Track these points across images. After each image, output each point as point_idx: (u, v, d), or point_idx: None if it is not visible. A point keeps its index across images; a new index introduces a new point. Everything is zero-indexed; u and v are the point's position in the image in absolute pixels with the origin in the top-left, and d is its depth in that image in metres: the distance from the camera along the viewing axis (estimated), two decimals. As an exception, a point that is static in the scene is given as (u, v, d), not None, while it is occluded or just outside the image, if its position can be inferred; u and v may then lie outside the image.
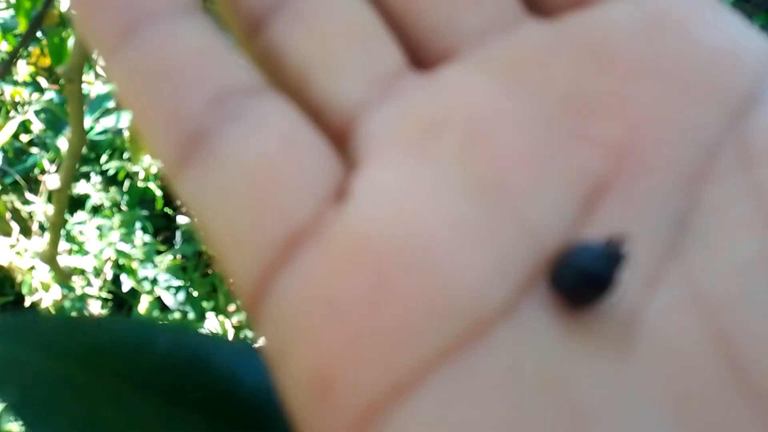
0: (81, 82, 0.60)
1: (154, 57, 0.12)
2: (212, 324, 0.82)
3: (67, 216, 0.82)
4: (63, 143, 0.73)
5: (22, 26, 0.70)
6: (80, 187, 0.86)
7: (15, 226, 0.79)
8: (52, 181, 0.65)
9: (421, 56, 0.13)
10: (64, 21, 0.73)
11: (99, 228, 0.82)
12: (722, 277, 0.10)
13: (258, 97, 0.12)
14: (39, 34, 0.66)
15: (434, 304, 0.10)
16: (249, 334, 0.85)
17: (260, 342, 0.12)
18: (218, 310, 0.84)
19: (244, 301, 0.12)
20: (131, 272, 0.82)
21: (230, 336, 0.83)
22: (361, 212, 0.11)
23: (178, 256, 0.88)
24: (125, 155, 0.88)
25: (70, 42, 0.66)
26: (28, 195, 0.84)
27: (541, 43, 0.13)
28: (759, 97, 0.12)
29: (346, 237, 0.11)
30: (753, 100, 0.12)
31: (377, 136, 0.12)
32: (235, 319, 0.84)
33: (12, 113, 0.86)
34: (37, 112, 0.83)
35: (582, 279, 0.10)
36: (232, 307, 0.85)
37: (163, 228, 0.95)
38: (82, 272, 0.79)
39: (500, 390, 0.10)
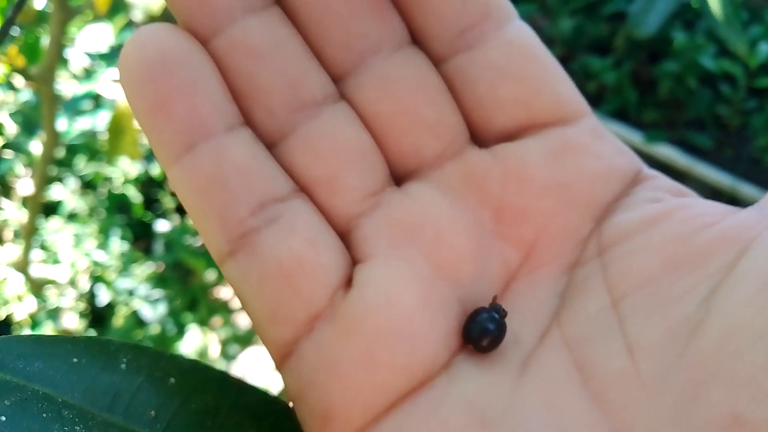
0: (54, 82, 0.57)
1: (210, 168, 0.16)
2: (194, 338, 0.79)
3: (41, 222, 0.79)
4: (36, 147, 0.70)
5: (-5, 24, 0.67)
6: (55, 192, 0.83)
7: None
8: (24, 186, 0.61)
9: (393, 171, 0.18)
10: (41, 18, 0.70)
11: (75, 236, 0.79)
12: (580, 326, 0.16)
13: (288, 203, 0.16)
14: (18, 31, 0.62)
15: (401, 365, 0.16)
16: (235, 350, 0.81)
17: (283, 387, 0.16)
18: (201, 322, 0.80)
19: (273, 359, 0.16)
20: (108, 283, 0.78)
21: (214, 352, 0.79)
22: (360, 299, 0.16)
23: (158, 266, 0.85)
24: (102, 159, 0.84)
25: (44, 41, 0.62)
26: (1, 201, 0.81)
27: (480, 166, 0.18)
28: (615, 207, 0.17)
29: (350, 317, 0.16)
30: (611, 209, 0.17)
31: (370, 239, 0.17)
32: (222, 334, 0.81)
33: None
34: (11, 115, 0.79)
35: (479, 331, 0.16)
36: (216, 321, 0.82)
37: (141, 235, 0.92)
38: (55, 283, 0.75)
39: (438, 411, 0.15)
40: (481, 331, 0.16)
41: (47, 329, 0.72)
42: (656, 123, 1.03)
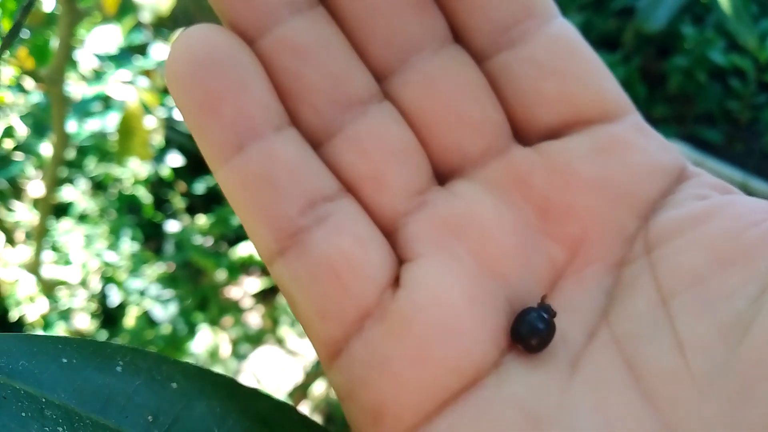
0: (63, 84, 0.57)
1: (259, 169, 0.16)
2: (205, 338, 0.79)
3: (52, 223, 0.79)
4: (46, 148, 0.70)
5: (6, 26, 0.67)
6: (66, 193, 0.83)
7: (0, 236, 0.75)
8: (34, 188, 0.62)
9: (437, 169, 0.18)
10: (50, 20, 0.70)
11: (86, 236, 0.79)
12: (629, 324, 0.16)
13: (336, 202, 0.16)
14: (27, 34, 0.63)
15: (452, 363, 0.16)
16: (246, 349, 0.82)
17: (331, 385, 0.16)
18: (212, 322, 0.80)
19: (322, 357, 0.16)
20: (118, 284, 0.79)
21: (225, 352, 0.80)
22: (409, 297, 0.16)
23: (168, 266, 0.85)
24: (112, 160, 0.85)
25: (53, 43, 0.63)
26: (12, 203, 0.81)
27: (524, 164, 0.17)
28: (661, 205, 0.17)
29: (399, 316, 0.16)
30: (657, 206, 0.17)
31: (417, 238, 0.17)
32: (233, 333, 0.81)
33: (-5, 118, 0.83)
34: (22, 117, 0.80)
35: (528, 331, 0.16)
36: (227, 320, 0.82)
37: (151, 235, 0.92)
38: (66, 284, 0.76)
39: (489, 411, 0.15)
40: (531, 331, 0.16)
41: (59, 330, 0.72)
42: (666, 118, 1.03)
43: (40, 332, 0.72)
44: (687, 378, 0.14)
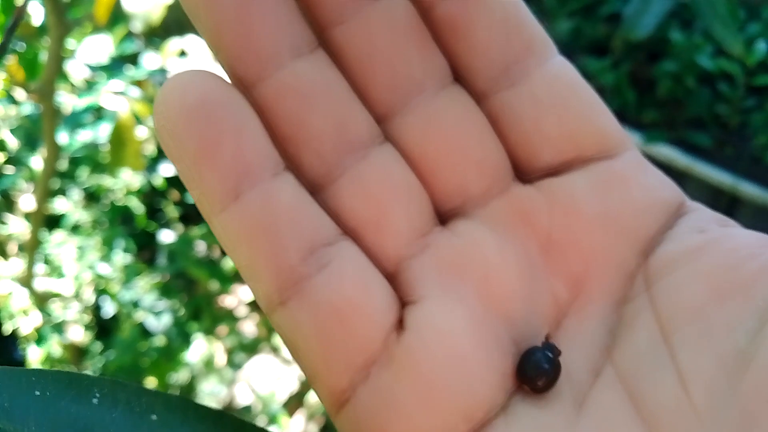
0: (54, 97, 0.57)
1: (258, 216, 0.15)
2: (200, 347, 0.79)
3: (45, 235, 0.79)
4: (37, 162, 0.70)
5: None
6: (59, 205, 0.83)
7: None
8: (26, 202, 0.62)
9: (438, 208, 0.18)
10: (40, 32, 0.70)
11: (79, 248, 0.79)
12: (633, 361, 0.16)
13: (336, 247, 0.16)
14: (20, 46, 0.63)
15: (461, 407, 0.15)
16: (242, 358, 0.82)
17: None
18: (207, 331, 0.80)
19: (328, 407, 0.16)
20: (112, 295, 0.79)
21: (220, 361, 0.80)
22: (415, 341, 0.16)
23: (162, 276, 0.85)
24: (104, 171, 0.85)
25: (43, 56, 0.63)
26: (4, 216, 0.81)
27: (526, 202, 0.18)
28: (660, 240, 0.17)
29: (405, 360, 0.16)
30: (657, 241, 0.17)
31: (420, 280, 0.16)
32: (228, 342, 0.81)
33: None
34: (12, 130, 0.79)
35: (534, 371, 0.16)
36: (222, 329, 0.82)
37: (144, 245, 0.92)
38: (59, 296, 0.76)
39: None
40: (537, 372, 0.16)
41: (53, 343, 0.72)
42: (656, 123, 1.03)
43: (34, 346, 0.72)
44: (690, 412, 0.14)
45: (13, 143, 0.75)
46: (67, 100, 0.67)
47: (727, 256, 0.16)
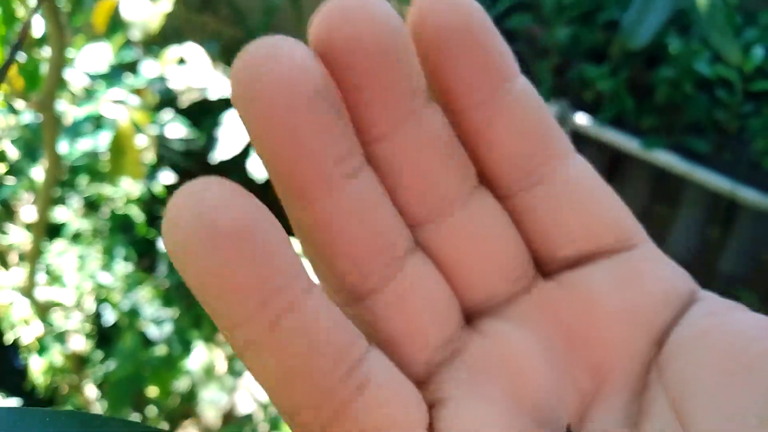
0: (54, 107, 0.57)
1: (296, 340, 0.14)
2: (201, 355, 0.79)
3: (45, 245, 0.79)
4: (38, 172, 0.70)
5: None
6: (59, 214, 0.83)
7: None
8: (27, 213, 0.62)
9: (464, 309, 0.18)
10: (40, 42, 0.70)
11: (80, 257, 0.79)
12: None
13: (369, 361, 0.15)
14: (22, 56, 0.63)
15: None
16: (242, 366, 0.82)
17: None
18: (207, 339, 0.81)
19: None
20: (113, 304, 0.79)
21: (221, 368, 0.80)
22: None
23: (162, 284, 0.85)
24: (104, 179, 0.85)
25: (43, 67, 0.63)
26: (5, 226, 0.81)
27: (549, 297, 0.18)
28: (673, 328, 0.17)
29: None
30: (670, 329, 0.18)
31: (448, 382, 0.17)
32: (229, 350, 0.81)
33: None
34: (13, 141, 0.80)
35: None
36: (222, 337, 0.82)
37: (144, 252, 0.92)
38: (61, 305, 0.76)
39: None
40: None
41: (54, 352, 0.72)
42: (654, 129, 1.04)
43: (35, 356, 0.72)
44: None
45: (13, 153, 0.75)
46: (67, 110, 0.68)
47: (733, 339, 0.16)
